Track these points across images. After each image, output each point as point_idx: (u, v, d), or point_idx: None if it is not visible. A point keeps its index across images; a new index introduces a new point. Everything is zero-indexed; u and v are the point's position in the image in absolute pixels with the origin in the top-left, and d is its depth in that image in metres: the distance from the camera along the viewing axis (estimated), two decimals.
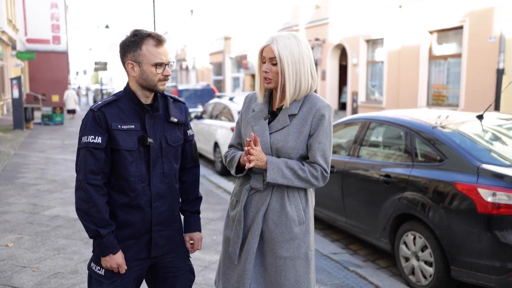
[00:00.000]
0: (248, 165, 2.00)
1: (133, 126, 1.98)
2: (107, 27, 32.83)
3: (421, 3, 13.57)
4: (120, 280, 2.02)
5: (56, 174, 8.23)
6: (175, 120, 2.10)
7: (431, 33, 13.59)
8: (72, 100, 22.09)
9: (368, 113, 5.31)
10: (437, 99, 13.68)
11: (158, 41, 1.95)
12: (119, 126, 1.95)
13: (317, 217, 5.28)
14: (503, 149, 3.81)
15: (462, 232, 3.38)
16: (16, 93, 15.61)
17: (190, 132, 2.23)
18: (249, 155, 2.00)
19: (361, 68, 16.89)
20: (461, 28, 12.40)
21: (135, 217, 2.01)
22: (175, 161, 2.13)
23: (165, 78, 1.98)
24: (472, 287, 3.77)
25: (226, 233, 2.22)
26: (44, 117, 18.84)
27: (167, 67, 1.98)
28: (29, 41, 30.21)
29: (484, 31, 11.54)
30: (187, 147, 2.22)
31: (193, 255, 2.72)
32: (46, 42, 31.14)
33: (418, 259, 3.81)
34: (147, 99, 2.03)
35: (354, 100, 17.25)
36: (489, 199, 3.20)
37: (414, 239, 3.83)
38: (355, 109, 17.08)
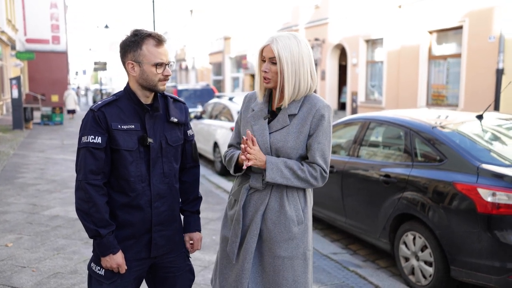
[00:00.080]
0: (246, 163, 2.00)
1: (133, 126, 1.98)
2: (106, 27, 32.83)
3: (420, 3, 13.58)
4: (120, 280, 2.02)
5: (55, 174, 8.23)
6: (175, 120, 2.10)
7: (430, 33, 13.59)
8: (72, 100, 22.09)
9: (367, 113, 5.31)
10: (436, 99, 13.69)
11: (159, 41, 1.95)
12: (119, 126, 1.95)
13: (316, 217, 5.28)
14: (502, 149, 3.81)
15: (462, 232, 3.38)
16: (15, 93, 15.60)
17: (190, 132, 2.23)
18: (246, 153, 2.00)
19: (360, 68, 16.89)
20: (460, 28, 12.41)
21: (135, 217, 2.01)
22: (175, 161, 2.13)
23: (165, 78, 1.98)
24: (472, 287, 3.77)
25: (224, 232, 2.22)
26: (43, 117, 18.83)
27: (167, 67, 1.99)
28: (29, 41, 30.19)
29: (483, 31, 11.54)
30: (187, 147, 2.22)
31: (193, 255, 2.72)
32: (45, 42, 31.13)
33: (418, 259, 3.81)
34: (147, 99, 2.03)
35: (354, 100, 17.26)
36: (489, 199, 3.20)
37: (414, 239, 3.83)
38: (354, 109, 17.09)
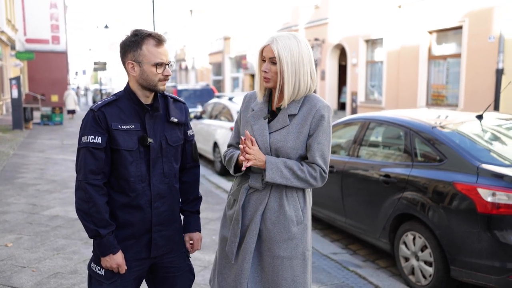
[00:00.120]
0: (245, 164, 2.00)
1: (133, 126, 1.98)
2: (106, 27, 32.83)
3: (420, 3, 13.58)
4: (120, 280, 2.02)
5: (55, 174, 8.23)
6: (175, 120, 2.10)
7: (430, 33, 13.59)
8: (72, 101, 22.08)
9: (367, 113, 5.31)
10: (436, 99, 13.69)
11: (159, 41, 1.95)
12: (119, 126, 1.95)
13: (316, 217, 5.29)
14: (502, 149, 3.81)
15: (462, 232, 3.38)
16: (15, 93, 15.59)
17: (190, 132, 2.23)
18: (245, 153, 2.00)
19: (360, 68, 16.90)
20: (460, 28, 12.41)
21: (135, 217, 2.01)
22: (175, 161, 2.13)
23: (165, 78, 1.98)
24: (472, 287, 3.77)
25: (223, 232, 2.23)
26: (43, 117, 18.82)
27: (168, 67, 1.99)
28: (28, 41, 30.19)
29: (483, 31, 11.55)
30: (187, 147, 2.22)
31: (193, 255, 2.72)
32: (45, 42, 31.14)
33: (417, 259, 3.81)
34: (147, 99, 2.03)
35: (354, 100, 17.26)
36: (488, 199, 3.21)
37: (414, 239, 3.83)
38: (354, 109, 17.09)
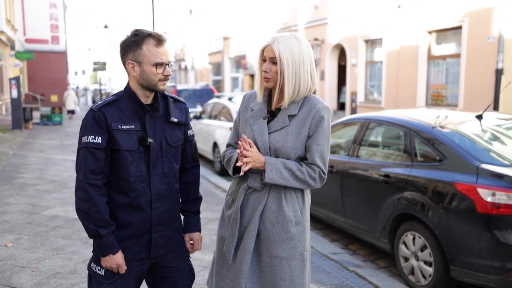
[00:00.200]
0: (244, 168, 2.00)
1: (133, 126, 1.98)
2: (106, 27, 32.80)
3: (420, 3, 13.58)
4: (120, 280, 2.02)
5: (55, 174, 8.23)
6: (175, 120, 2.10)
7: (430, 33, 13.59)
8: (71, 101, 22.09)
9: (367, 113, 5.31)
10: (436, 99, 13.69)
11: (159, 41, 1.95)
12: (119, 126, 1.95)
13: (316, 217, 5.29)
14: (502, 149, 3.81)
15: (462, 232, 3.38)
16: (14, 93, 15.58)
17: (191, 132, 2.23)
18: (243, 157, 2.00)
19: (360, 68, 16.89)
20: (460, 28, 12.41)
21: (135, 217, 2.01)
22: (175, 161, 2.13)
23: (166, 78, 1.98)
24: (472, 287, 3.77)
25: (221, 232, 2.22)
26: (43, 117, 18.81)
27: (168, 67, 1.99)
28: (28, 41, 30.19)
29: (483, 31, 11.55)
30: (187, 147, 2.22)
31: (193, 255, 2.72)
32: (45, 42, 31.13)
33: (417, 259, 3.81)
34: (147, 99, 2.03)
35: (353, 100, 17.26)
36: (488, 199, 3.21)
37: (414, 239, 3.83)
38: (354, 109, 17.09)
